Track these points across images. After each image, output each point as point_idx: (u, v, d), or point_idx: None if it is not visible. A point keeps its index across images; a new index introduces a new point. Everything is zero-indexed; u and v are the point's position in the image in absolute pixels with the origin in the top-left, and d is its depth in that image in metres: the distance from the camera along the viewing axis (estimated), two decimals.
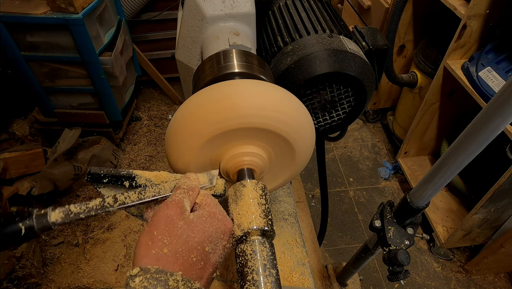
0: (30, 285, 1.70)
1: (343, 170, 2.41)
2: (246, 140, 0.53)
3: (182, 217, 0.41)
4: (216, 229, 0.43)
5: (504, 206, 1.57)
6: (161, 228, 0.40)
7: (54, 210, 0.43)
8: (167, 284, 0.36)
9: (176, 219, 0.41)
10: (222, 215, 0.45)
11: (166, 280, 0.36)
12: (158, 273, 0.36)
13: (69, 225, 1.96)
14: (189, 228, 0.41)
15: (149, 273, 0.36)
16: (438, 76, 1.77)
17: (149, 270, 0.37)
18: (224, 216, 0.46)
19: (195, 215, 0.43)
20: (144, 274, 0.36)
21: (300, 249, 0.85)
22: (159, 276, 0.36)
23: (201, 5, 0.67)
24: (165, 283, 0.36)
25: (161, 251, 0.38)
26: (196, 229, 0.41)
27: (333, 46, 0.66)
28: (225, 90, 0.51)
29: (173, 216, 0.41)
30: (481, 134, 0.53)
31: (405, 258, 0.75)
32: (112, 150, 2.27)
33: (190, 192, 0.45)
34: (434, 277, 1.88)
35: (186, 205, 0.43)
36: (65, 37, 1.78)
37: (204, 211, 0.44)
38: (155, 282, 0.36)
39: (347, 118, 0.74)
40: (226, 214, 0.47)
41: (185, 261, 0.39)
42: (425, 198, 0.72)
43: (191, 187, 0.46)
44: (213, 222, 0.43)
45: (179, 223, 0.41)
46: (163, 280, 0.36)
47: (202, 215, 0.43)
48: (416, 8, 2.04)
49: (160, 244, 0.39)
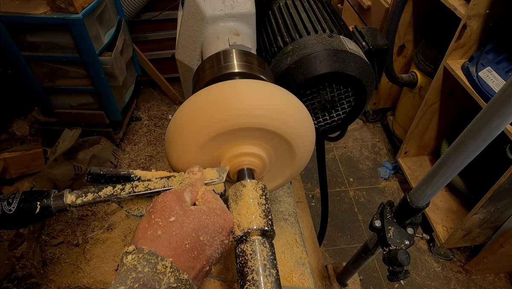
0: (30, 285, 1.70)
1: (343, 170, 2.41)
2: (246, 141, 0.53)
3: (179, 204, 0.43)
4: (213, 222, 0.44)
5: (504, 206, 1.57)
6: (158, 212, 0.42)
7: (70, 193, 0.47)
8: (156, 268, 0.37)
9: (173, 204, 0.42)
10: (222, 211, 0.46)
11: (156, 264, 0.37)
12: (150, 255, 0.38)
13: (70, 224, 1.96)
14: (185, 214, 0.42)
15: (142, 253, 0.38)
16: (438, 76, 1.77)
17: (143, 250, 0.38)
18: (225, 211, 0.46)
19: (194, 207, 0.44)
20: (137, 253, 0.38)
21: (300, 249, 0.85)
22: (150, 257, 0.37)
23: (201, 5, 0.67)
24: (154, 266, 0.37)
25: (155, 232, 0.40)
26: (192, 217, 0.42)
27: (333, 46, 0.66)
28: (225, 90, 0.51)
29: (170, 202, 0.42)
30: (481, 134, 0.53)
31: (405, 258, 0.75)
32: (112, 150, 2.27)
33: (191, 187, 0.46)
34: (434, 277, 1.88)
35: (186, 196, 0.45)
36: (65, 37, 1.78)
37: (204, 206, 0.45)
38: (145, 262, 0.37)
39: (347, 118, 0.74)
40: (227, 210, 0.47)
41: (178, 246, 0.40)
42: (425, 198, 0.72)
43: (193, 181, 0.47)
44: (212, 216, 0.44)
45: (175, 208, 0.42)
46: (152, 263, 0.37)
47: (201, 209, 0.44)
48: (416, 8, 2.04)
49: (155, 226, 0.40)
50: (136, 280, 0.36)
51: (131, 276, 0.36)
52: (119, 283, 0.35)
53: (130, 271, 0.36)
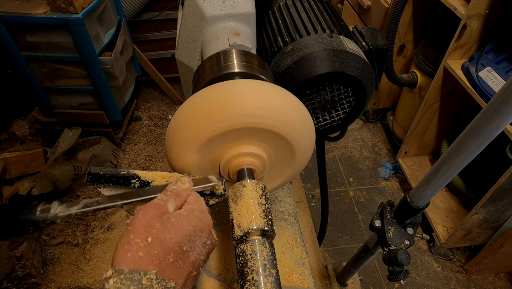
0: (30, 285, 1.70)
1: (343, 170, 2.41)
2: (246, 141, 0.53)
3: (159, 218, 0.41)
4: (194, 226, 0.43)
5: (504, 206, 1.57)
6: (137, 231, 0.40)
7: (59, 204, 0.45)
8: (141, 283, 0.36)
9: (153, 221, 0.41)
10: (200, 212, 0.45)
11: (140, 280, 0.36)
12: (131, 273, 0.37)
13: (70, 224, 1.96)
14: (166, 229, 0.41)
15: (123, 274, 0.36)
16: (438, 76, 1.77)
17: (123, 270, 0.37)
18: (203, 213, 0.46)
19: (174, 214, 0.43)
20: (118, 275, 0.36)
21: (300, 249, 0.85)
22: (133, 276, 0.36)
23: (201, 5, 0.67)
24: (139, 282, 0.36)
25: (136, 254, 0.38)
26: (173, 230, 0.41)
27: (333, 46, 0.66)
28: (225, 90, 0.51)
29: (150, 219, 0.41)
30: (481, 134, 0.53)
31: (405, 258, 0.74)
32: (112, 150, 2.27)
33: (176, 197, 0.45)
34: (434, 277, 1.88)
35: (169, 207, 0.43)
36: (65, 37, 1.78)
37: (184, 209, 0.44)
38: (129, 282, 0.36)
39: (347, 118, 0.74)
40: (206, 211, 0.47)
41: (161, 262, 0.39)
42: (425, 198, 0.72)
43: (178, 191, 0.46)
44: (191, 219, 0.43)
45: (156, 224, 0.41)
46: (136, 280, 0.36)
47: (181, 213, 0.43)
48: (416, 8, 2.04)
49: (135, 248, 0.39)
50: None
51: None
52: None
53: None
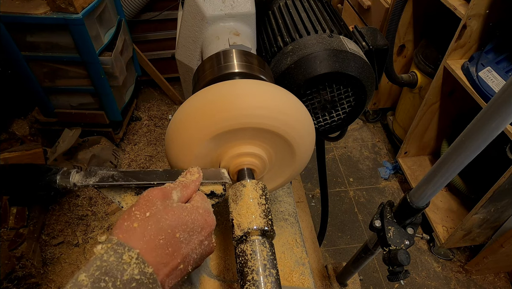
0: (30, 285, 1.70)
1: (343, 170, 2.41)
2: (246, 141, 0.53)
3: (162, 200, 0.43)
4: (193, 220, 0.44)
5: (504, 206, 1.57)
6: (139, 205, 0.42)
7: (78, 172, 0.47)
8: (121, 258, 0.37)
9: (155, 200, 0.43)
10: (204, 211, 0.46)
11: (122, 254, 0.37)
12: (118, 245, 0.38)
13: (70, 224, 1.96)
14: (165, 210, 0.42)
15: (111, 243, 0.38)
16: (438, 76, 1.77)
17: (112, 240, 0.38)
18: (207, 212, 0.46)
19: (177, 204, 0.44)
20: (107, 243, 0.38)
21: (300, 249, 0.85)
22: (118, 248, 0.38)
23: (201, 5, 0.67)
24: (120, 256, 0.37)
25: (131, 224, 0.40)
26: (172, 213, 0.42)
27: (333, 46, 0.66)
28: (225, 90, 0.51)
29: (153, 197, 0.43)
30: (481, 134, 0.53)
31: (405, 258, 0.74)
32: (112, 150, 2.27)
33: (183, 187, 0.47)
34: (434, 277, 1.88)
35: (174, 195, 0.45)
36: (65, 37, 1.78)
37: (189, 204, 0.46)
38: (112, 252, 0.37)
39: (347, 118, 0.74)
40: (211, 212, 0.48)
41: (151, 240, 0.40)
42: (425, 198, 0.72)
43: (186, 183, 0.48)
44: (193, 213, 0.44)
45: (157, 203, 0.42)
46: (119, 253, 0.37)
47: (183, 206, 0.44)
48: (416, 8, 2.04)
49: (133, 218, 0.41)
50: (99, 268, 0.36)
51: (96, 264, 0.36)
52: (83, 270, 0.36)
53: (96, 260, 0.37)
